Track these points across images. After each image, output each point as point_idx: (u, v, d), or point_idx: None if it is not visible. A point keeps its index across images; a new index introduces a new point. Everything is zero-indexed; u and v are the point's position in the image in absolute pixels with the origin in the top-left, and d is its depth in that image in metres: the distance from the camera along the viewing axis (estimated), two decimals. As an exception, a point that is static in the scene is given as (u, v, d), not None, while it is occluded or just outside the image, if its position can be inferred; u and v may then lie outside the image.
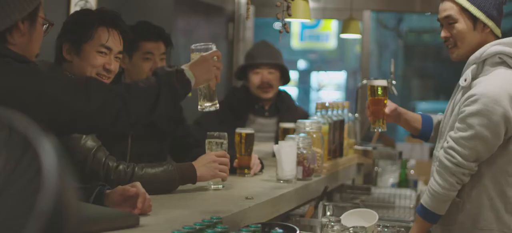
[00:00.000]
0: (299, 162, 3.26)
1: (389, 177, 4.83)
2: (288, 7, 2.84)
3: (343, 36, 5.93)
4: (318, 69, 12.75)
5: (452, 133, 2.78)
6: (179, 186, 2.85)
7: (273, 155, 3.32)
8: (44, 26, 2.20)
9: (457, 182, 2.77)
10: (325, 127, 3.57)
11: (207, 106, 2.57)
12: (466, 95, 2.77)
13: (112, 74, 2.79)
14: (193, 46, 2.59)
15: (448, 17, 2.88)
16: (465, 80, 2.81)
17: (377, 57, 11.42)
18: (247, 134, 3.39)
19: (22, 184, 0.82)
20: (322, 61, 12.74)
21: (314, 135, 3.40)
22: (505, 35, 2.88)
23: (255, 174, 3.42)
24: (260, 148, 4.04)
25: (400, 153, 4.97)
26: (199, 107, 2.60)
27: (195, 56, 2.53)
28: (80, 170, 2.66)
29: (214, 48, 2.56)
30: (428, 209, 2.83)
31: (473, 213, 2.81)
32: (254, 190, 2.97)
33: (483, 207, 2.80)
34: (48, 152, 0.82)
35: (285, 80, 4.62)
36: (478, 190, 2.80)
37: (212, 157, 2.93)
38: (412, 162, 5.14)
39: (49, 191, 0.80)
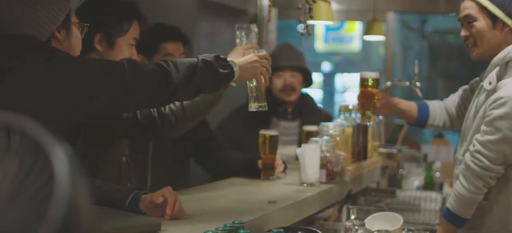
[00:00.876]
0: (323, 165, 3.24)
1: (414, 179, 4.78)
2: (310, 10, 2.83)
3: (367, 37, 5.88)
4: (343, 71, 12.72)
5: (478, 136, 2.74)
6: (199, 189, 2.83)
7: (296, 158, 3.29)
8: (80, 28, 2.22)
9: (484, 185, 2.73)
10: (349, 130, 3.54)
11: (260, 106, 2.59)
12: (492, 98, 2.73)
13: None
14: (237, 25, 2.63)
15: (467, 16, 2.85)
16: (490, 83, 2.77)
17: (401, 58, 11.36)
18: (271, 136, 3.39)
19: (33, 191, 0.80)
20: (347, 63, 12.70)
21: (338, 138, 3.37)
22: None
23: (278, 177, 3.40)
24: (283, 151, 4.01)
25: (425, 156, 4.92)
26: (249, 108, 2.62)
27: (239, 33, 2.75)
28: (133, 121, 2.76)
29: (263, 52, 2.56)
30: (454, 212, 2.79)
31: (501, 216, 2.77)
32: (277, 193, 2.95)
33: (512, 210, 2.76)
34: (60, 158, 0.81)
35: (308, 82, 4.58)
36: (506, 193, 2.77)
37: (254, 57, 2.59)
38: (437, 165, 5.07)
39: (61, 199, 0.79)
